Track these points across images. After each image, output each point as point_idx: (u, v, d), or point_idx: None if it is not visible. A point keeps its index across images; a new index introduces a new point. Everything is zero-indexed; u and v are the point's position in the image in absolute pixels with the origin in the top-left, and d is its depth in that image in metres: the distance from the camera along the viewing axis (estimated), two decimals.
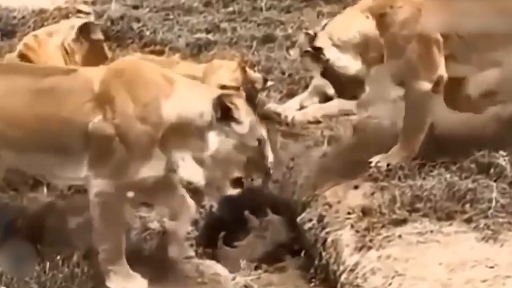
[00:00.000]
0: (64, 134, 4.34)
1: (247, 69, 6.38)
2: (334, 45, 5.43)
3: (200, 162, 4.38)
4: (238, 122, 4.34)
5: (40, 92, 4.41)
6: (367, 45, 5.37)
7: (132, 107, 4.32)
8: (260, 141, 4.43)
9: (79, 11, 6.56)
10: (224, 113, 4.33)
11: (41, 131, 4.36)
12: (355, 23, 5.40)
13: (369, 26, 5.36)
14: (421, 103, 5.34)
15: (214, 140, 4.34)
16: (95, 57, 5.67)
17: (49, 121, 4.34)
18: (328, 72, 5.51)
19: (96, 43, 5.78)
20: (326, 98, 6.47)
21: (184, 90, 4.43)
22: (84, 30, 5.72)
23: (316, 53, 5.49)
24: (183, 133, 4.36)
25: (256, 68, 6.69)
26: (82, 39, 5.71)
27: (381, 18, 5.35)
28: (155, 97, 4.34)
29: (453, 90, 5.44)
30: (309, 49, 5.70)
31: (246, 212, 5.69)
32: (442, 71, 5.31)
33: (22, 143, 4.40)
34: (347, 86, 5.52)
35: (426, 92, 5.29)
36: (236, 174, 4.43)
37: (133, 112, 4.31)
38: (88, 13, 6.48)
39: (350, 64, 5.39)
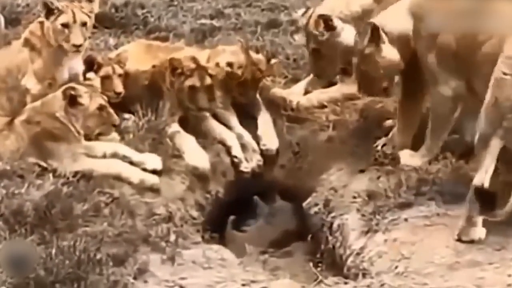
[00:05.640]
0: None
1: (250, 51, 6.35)
2: (337, 17, 5.66)
3: None
4: None
5: None
6: (364, 17, 5.48)
7: None
8: None
9: None
10: None
11: None
12: None
13: (368, 1, 5.48)
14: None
15: None
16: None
17: None
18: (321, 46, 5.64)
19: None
20: (330, 83, 6.45)
21: None
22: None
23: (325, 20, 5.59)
24: None
25: (261, 53, 6.64)
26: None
27: None
28: None
29: None
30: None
31: (256, 198, 5.69)
32: None
33: None
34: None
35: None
36: None
37: None
38: None
39: (351, 36, 5.46)
